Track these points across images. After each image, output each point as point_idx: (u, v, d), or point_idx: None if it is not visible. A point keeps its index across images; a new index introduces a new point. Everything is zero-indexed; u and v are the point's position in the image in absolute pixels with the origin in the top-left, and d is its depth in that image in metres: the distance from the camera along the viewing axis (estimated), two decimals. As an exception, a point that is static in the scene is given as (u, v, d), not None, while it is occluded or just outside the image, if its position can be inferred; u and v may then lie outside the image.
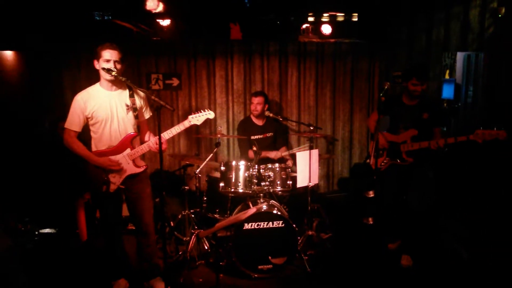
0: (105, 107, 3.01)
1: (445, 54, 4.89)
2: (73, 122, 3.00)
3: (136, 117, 3.10)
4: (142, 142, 3.21)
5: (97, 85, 3.07)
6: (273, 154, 4.49)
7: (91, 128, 3.06)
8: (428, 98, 3.85)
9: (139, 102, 3.15)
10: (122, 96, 3.08)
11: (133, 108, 3.09)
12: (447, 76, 5.13)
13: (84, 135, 3.12)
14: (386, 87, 3.28)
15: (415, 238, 3.82)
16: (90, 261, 3.79)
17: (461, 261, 3.75)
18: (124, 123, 3.07)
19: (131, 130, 3.11)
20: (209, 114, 3.26)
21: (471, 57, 4.55)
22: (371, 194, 3.00)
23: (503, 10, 3.78)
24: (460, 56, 4.83)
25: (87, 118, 3.01)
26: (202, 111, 3.26)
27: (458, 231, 4.06)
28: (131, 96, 3.10)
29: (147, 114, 3.27)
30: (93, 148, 3.09)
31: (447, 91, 5.12)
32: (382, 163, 3.75)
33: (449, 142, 3.38)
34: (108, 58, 2.94)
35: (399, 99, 3.76)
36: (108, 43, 2.97)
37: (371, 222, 3.20)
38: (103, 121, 3.01)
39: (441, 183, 4.48)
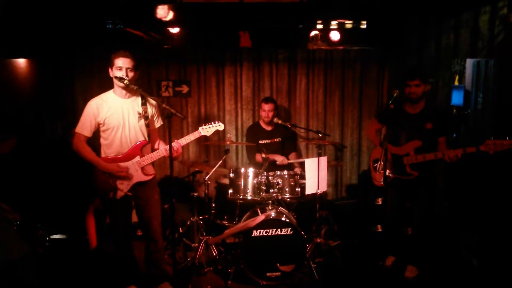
0: (117, 114, 3.05)
1: (454, 60, 4.85)
2: (84, 127, 3.04)
3: (147, 125, 3.14)
4: (153, 150, 3.24)
5: (110, 92, 3.12)
6: (280, 159, 4.49)
7: (102, 134, 3.10)
8: (432, 106, 3.68)
9: (151, 110, 3.19)
10: (134, 104, 3.12)
11: (145, 116, 3.13)
12: (456, 83, 5.10)
13: (93, 142, 3.16)
14: (395, 94, 3.22)
15: (420, 248, 3.71)
16: (100, 267, 3.82)
17: (472, 269, 3.72)
18: (135, 131, 3.11)
19: (141, 138, 3.14)
20: (219, 126, 3.31)
21: (480, 64, 4.52)
22: (380, 201, 2.97)
23: (513, 17, 3.76)
24: (469, 62, 4.80)
25: (99, 124, 3.05)
26: (212, 122, 3.30)
27: (467, 239, 4.02)
28: (144, 104, 3.14)
29: (158, 123, 3.30)
30: (102, 155, 3.12)
31: (457, 98, 5.08)
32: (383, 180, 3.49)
33: (459, 155, 3.19)
34: (120, 65, 2.98)
35: (400, 108, 3.59)
36: (122, 51, 3.02)
37: (379, 230, 3.17)
38: (115, 127, 3.05)
39: (451, 192, 4.45)
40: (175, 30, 4.74)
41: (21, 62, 4.66)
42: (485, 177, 3.89)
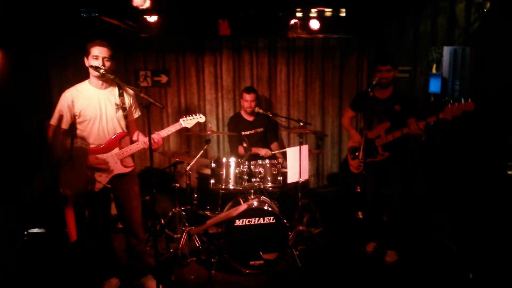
0: (94, 105, 2.97)
1: (432, 48, 4.92)
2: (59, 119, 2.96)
3: (125, 116, 3.08)
4: (132, 141, 3.19)
5: (86, 82, 3.03)
6: (263, 152, 4.49)
7: (78, 126, 3.01)
8: (400, 91, 3.77)
9: (128, 101, 3.13)
10: (111, 95, 3.05)
11: (122, 107, 3.06)
12: (434, 70, 5.17)
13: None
14: (374, 82, 3.24)
15: (398, 233, 3.81)
16: (80, 260, 3.77)
17: (451, 254, 3.82)
18: (113, 122, 3.05)
19: (119, 129, 3.08)
20: (200, 118, 3.28)
21: (457, 51, 4.59)
22: (359, 189, 3.03)
23: (488, 5, 3.82)
24: (446, 50, 4.87)
25: (75, 116, 2.97)
26: (193, 114, 3.27)
27: (444, 223, 4.12)
28: (121, 95, 3.07)
29: (136, 114, 3.25)
30: None
31: (434, 85, 5.15)
32: (360, 165, 3.57)
33: (421, 126, 3.29)
34: (96, 54, 2.90)
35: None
36: (98, 40, 2.93)
37: (360, 217, 3.23)
38: (91, 119, 2.98)
39: (428, 175, 4.54)
40: (152, 18, 4.64)
41: (-8, 52, 4.49)
42: (456, 155, 3.99)
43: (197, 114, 3.29)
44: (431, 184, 4.47)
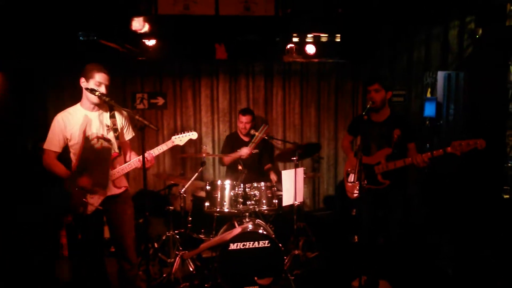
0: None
1: (426, 73, 5.00)
2: (53, 143, 2.96)
3: (117, 137, 3.08)
4: (125, 162, 3.17)
5: (77, 105, 3.04)
6: (243, 151, 4.47)
7: (70, 149, 3.02)
8: (397, 114, 3.62)
9: (120, 122, 3.13)
10: (102, 117, 3.06)
11: (113, 128, 3.06)
12: (428, 95, 5.23)
13: (65, 156, 3.07)
14: (368, 105, 3.27)
15: (393, 262, 3.63)
16: (72, 283, 3.69)
17: (447, 278, 3.76)
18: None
19: (111, 150, 3.07)
20: (192, 135, 3.27)
21: (451, 76, 4.67)
22: (354, 212, 2.99)
23: (480, 31, 3.90)
24: (440, 75, 4.94)
25: (66, 139, 2.97)
26: (185, 132, 3.27)
27: (443, 247, 4.08)
28: (112, 116, 3.08)
29: (129, 135, 3.24)
30: (73, 168, 3.03)
31: (429, 109, 5.20)
32: (356, 191, 3.48)
33: (425, 159, 3.17)
34: (101, 81, 2.93)
35: (368, 117, 3.46)
36: (101, 66, 2.96)
37: (356, 241, 3.19)
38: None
39: (426, 200, 4.53)
40: (150, 42, 4.70)
41: (-10, 74, 4.52)
42: (456, 181, 3.98)
43: (190, 131, 3.28)
44: (430, 208, 4.45)
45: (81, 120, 2.97)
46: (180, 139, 3.23)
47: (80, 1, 3.92)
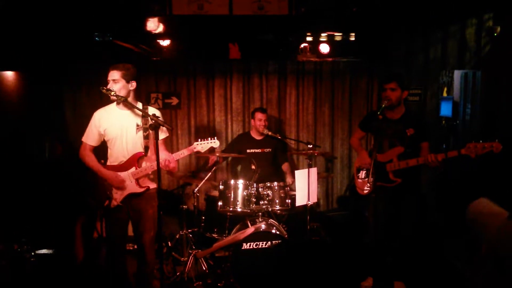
0: (116, 125, 3.09)
1: (442, 72, 4.92)
2: (89, 137, 3.13)
3: (145, 137, 3.13)
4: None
5: (113, 104, 3.15)
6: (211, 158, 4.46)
7: (107, 144, 3.16)
8: (412, 112, 3.55)
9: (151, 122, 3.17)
10: (134, 116, 3.13)
11: (144, 128, 3.12)
12: (445, 94, 5.15)
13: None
14: (383, 105, 3.21)
15: (407, 261, 3.58)
16: (87, 282, 3.74)
17: (463, 281, 3.69)
18: (133, 142, 3.11)
19: (139, 149, 3.13)
20: (214, 143, 3.30)
21: (468, 75, 4.58)
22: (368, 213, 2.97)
23: (498, 29, 3.82)
24: (457, 74, 4.86)
25: (101, 135, 3.12)
26: (207, 139, 3.30)
27: (458, 249, 4.01)
28: (143, 116, 3.12)
29: (162, 134, 3.21)
30: (108, 162, 3.18)
31: (445, 109, 5.13)
32: (366, 188, 3.45)
33: (439, 159, 3.09)
34: (109, 78, 3.04)
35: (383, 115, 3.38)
36: (112, 65, 3.07)
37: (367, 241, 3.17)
38: (114, 138, 3.10)
39: (442, 204, 4.46)
40: (165, 42, 4.74)
41: (9, 74, 4.61)
42: (471, 183, 3.89)
43: (212, 139, 3.31)
44: (443, 212, 4.38)
45: (114, 118, 3.09)
46: (201, 146, 3.27)
47: (96, 2, 3.98)
